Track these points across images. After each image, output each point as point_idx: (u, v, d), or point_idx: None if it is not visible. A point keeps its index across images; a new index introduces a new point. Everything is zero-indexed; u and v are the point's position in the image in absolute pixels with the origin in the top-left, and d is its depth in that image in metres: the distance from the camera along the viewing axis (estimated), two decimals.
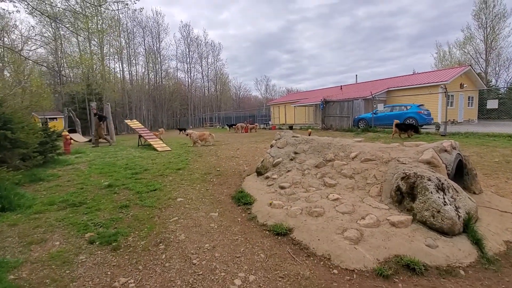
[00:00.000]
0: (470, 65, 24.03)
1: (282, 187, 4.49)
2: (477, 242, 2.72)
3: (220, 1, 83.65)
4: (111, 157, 9.17)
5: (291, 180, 4.62)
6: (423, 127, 14.94)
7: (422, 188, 3.02)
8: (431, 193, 2.94)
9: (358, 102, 17.82)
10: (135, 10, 36.27)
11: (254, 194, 4.58)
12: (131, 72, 40.27)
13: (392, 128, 15.97)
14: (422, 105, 16.81)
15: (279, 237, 3.13)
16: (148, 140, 11.97)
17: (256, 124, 22.67)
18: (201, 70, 49.53)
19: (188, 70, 48.05)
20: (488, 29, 34.39)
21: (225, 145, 11.77)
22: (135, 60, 40.89)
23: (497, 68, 35.23)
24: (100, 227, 3.50)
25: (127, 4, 7.61)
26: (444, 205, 2.86)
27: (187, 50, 47.54)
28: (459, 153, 3.86)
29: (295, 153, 5.42)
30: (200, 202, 4.45)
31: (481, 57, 35.78)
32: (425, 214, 2.92)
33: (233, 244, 3.03)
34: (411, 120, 16.00)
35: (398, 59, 78.58)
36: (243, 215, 3.89)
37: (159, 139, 12.20)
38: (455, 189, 3.16)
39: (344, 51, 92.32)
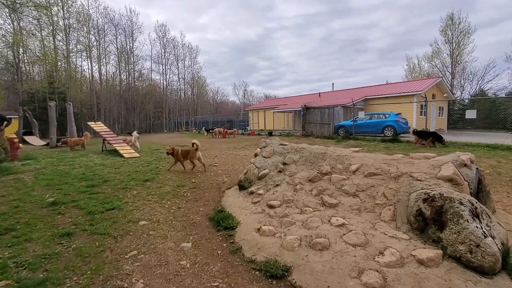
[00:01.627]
0: (441, 77, 25.12)
1: (271, 206, 3.72)
2: None
3: (199, 5, 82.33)
4: (66, 165, 7.87)
5: (282, 197, 3.87)
6: (400, 135, 15.00)
7: (454, 214, 2.40)
8: (467, 221, 2.32)
9: (338, 109, 17.68)
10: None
11: (237, 215, 3.76)
12: (101, 71, 37.74)
13: (371, 135, 16.00)
14: (399, 113, 16.98)
15: (274, 282, 2.34)
16: (114, 145, 10.68)
17: (234, 129, 21.83)
18: (177, 72, 47.79)
19: (164, 72, 46.16)
20: (454, 45, 36.58)
21: (202, 152, 10.79)
22: (105, 59, 38.43)
23: (462, 81, 37.46)
24: (25, 269, 2.50)
25: None
26: (485, 237, 2.25)
27: (163, 51, 45.70)
28: (477, 168, 3.34)
29: (284, 164, 4.69)
30: (169, 227, 3.53)
31: (448, 70, 37.87)
32: (460, 249, 2.29)
33: None
34: (389, 128, 16.05)
35: (369, 70, 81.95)
36: (224, 245, 3.05)
37: (124, 144, 10.93)
38: (487, 213, 2.58)
39: (319, 61, 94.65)
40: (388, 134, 15.76)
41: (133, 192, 5.04)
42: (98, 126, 12.70)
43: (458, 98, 32.74)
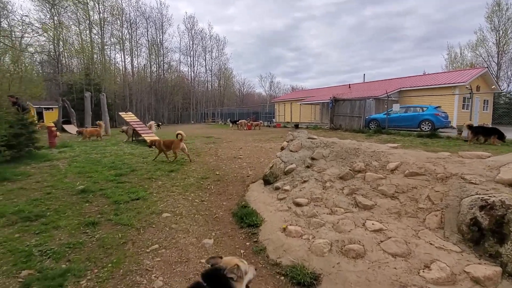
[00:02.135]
0: (487, 67, 22.80)
1: (298, 204, 3.47)
2: None
3: None
4: (98, 153, 8.18)
5: (309, 194, 3.60)
6: (438, 130, 13.85)
7: None
8: None
9: (369, 101, 16.73)
10: None
11: (262, 211, 3.57)
12: (133, 63, 39.20)
13: (406, 130, 14.94)
14: (439, 106, 15.68)
15: None
16: (143, 135, 10.96)
17: (260, 121, 21.63)
18: (204, 64, 48.32)
19: (192, 63, 46.86)
20: (501, 32, 33.02)
21: (227, 143, 10.76)
22: (137, 52, 39.81)
23: (509, 72, 33.87)
24: (48, 258, 2.51)
25: None
26: None
27: (191, 42, 46.29)
28: None
29: (313, 159, 4.39)
30: (191, 220, 3.43)
31: (493, 61, 34.41)
32: None
33: None
34: (427, 122, 14.90)
35: (403, 60, 76.73)
36: (247, 244, 2.88)
37: (153, 134, 11.18)
38: None
39: (349, 51, 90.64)
40: (426, 128, 14.64)
41: (158, 182, 5.04)
42: (129, 116, 13.13)
43: (505, 90, 29.60)
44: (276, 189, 4.16)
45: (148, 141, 7.14)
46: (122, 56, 38.50)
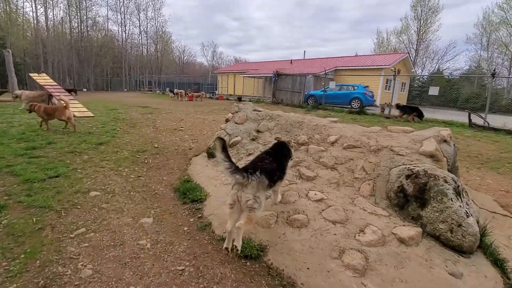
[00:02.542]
0: (407, 53, 25.85)
1: None
2: (500, 265, 2.15)
3: None
4: (3, 122, 6.69)
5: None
6: (365, 107, 15.39)
7: (438, 192, 2.30)
8: (451, 200, 2.24)
9: (309, 78, 17.45)
10: None
11: (206, 185, 3.41)
12: (47, 15, 32.33)
13: (339, 106, 16.21)
14: (367, 86, 17.31)
15: (248, 263, 2.10)
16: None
17: (202, 92, 20.69)
18: (138, 24, 43.01)
19: (123, 22, 41.17)
20: (422, 21, 37.46)
21: (166, 114, 10.01)
22: (52, 1, 32.83)
23: (424, 59, 39.21)
24: None
25: None
26: (467, 216, 2.19)
27: None
28: (454, 144, 3.31)
29: (258, 131, 4.34)
30: (126, 199, 3.08)
31: (413, 47, 39.15)
32: (441, 227, 2.22)
33: (177, 283, 1.88)
34: (357, 100, 16.36)
35: (340, 40, 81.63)
36: (191, 220, 2.72)
37: (76, 101, 9.64)
38: (466, 192, 2.55)
39: (292, 26, 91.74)
40: (355, 106, 16.10)
41: (83, 157, 4.37)
42: (43, 79, 10.98)
43: (420, 75, 34.33)
44: None
45: (29, 105, 5.97)
46: (33, 5, 31.32)
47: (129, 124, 7.48)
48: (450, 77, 32.30)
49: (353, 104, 16.30)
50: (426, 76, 33.50)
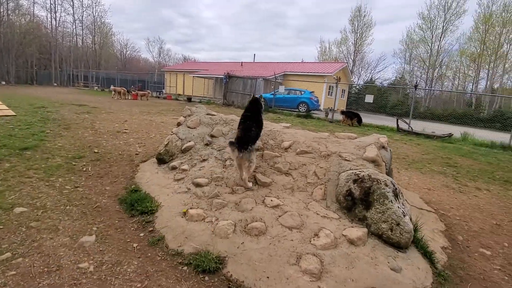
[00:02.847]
0: (347, 63, 28.33)
1: (198, 184, 3.29)
2: (429, 256, 2.48)
3: None
4: None
5: (210, 174, 3.48)
6: (311, 111, 16.37)
7: (380, 195, 2.54)
8: (391, 202, 2.50)
9: (260, 81, 17.83)
10: None
11: (157, 195, 3.20)
12: None
13: (287, 110, 16.91)
14: (313, 92, 18.44)
15: (207, 277, 2.02)
16: None
17: (148, 91, 19.43)
18: (72, 12, 38.41)
19: (52, 8, 36.31)
20: (358, 35, 41.50)
21: (107, 114, 9.12)
22: None
23: (360, 69, 43.45)
24: None
25: None
26: (404, 216, 2.46)
27: None
28: (390, 150, 3.72)
29: (212, 136, 4.24)
30: (61, 214, 2.69)
31: (350, 58, 43.09)
32: (383, 227, 2.46)
33: None
34: (304, 104, 17.30)
35: (286, 46, 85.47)
36: (142, 235, 2.50)
37: None
38: (401, 193, 2.87)
39: (241, 29, 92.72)
40: (302, 110, 17.00)
41: (3, 165, 3.69)
42: None
43: (356, 83, 37.86)
44: (172, 168, 3.81)
45: None
46: None
47: (62, 125, 6.59)
48: (381, 86, 36.44)
49: (300, 108, 17.18)
50: (361, 85, 37.15)
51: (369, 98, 13.01)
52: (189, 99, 18.86)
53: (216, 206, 2.82)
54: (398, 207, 2.49)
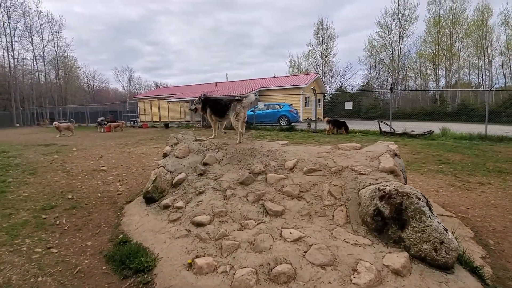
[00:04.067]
0: (319, 74, 29.17)
1: (199, 224, 2.81)
2: (478, 272, 2.16)
3: None
4: None
5: (210, 208, 3.01)
6: (291, 124, 16.33)
7: (416, 211, 2.23)
8: (429, 217, 2.19)
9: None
10: None
11: (152, 244, 2.67)
12: None
13: (268, 125, 16.76)
14: (291, 104, 18.54)
15: None
16: None
17: (122, 121, 18.50)
18: (31, 48, 36.68)
19: (10, 45, 34.51)
20: (323, 47, 43.31)
21: (79, 152, 8.33)
22: None
23: (330, 78, 45.02)
24: None
25: None
26: (446, 232, 2.16)
27: (6, 17, 33.93)
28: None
29: (205, 164, 3.80)
30: None
31: (320, 68, 44.64)
32: (425, 248, 2.13)
33: None
34: (284, 118, 17.27)
35: (255, 64, 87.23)
36: None
37: None
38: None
39: (209, 51, 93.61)
40: (283, 123, 16.94)
41: None
42: None
43: (331, 92, 39.02)
44: (165, 207, 3.30)
45: None
46: None
47: (27, 170, 5.81)
48: (353, 92, 37.79)
49: (281, 122, 17.12)
50: (336, 93, 38.35)
51: (348, 105, 13.21)
52: (166, 125, 18.18)
53: (227, 250, 2.36)
54: (438, 222, 2.18)
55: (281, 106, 17.66)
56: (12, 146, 10.05)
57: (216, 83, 28.92)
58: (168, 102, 24.45)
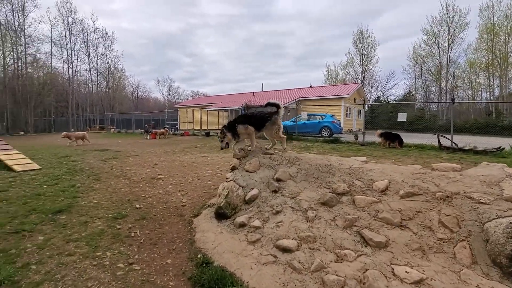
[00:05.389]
0: (361, 83, 28.09)
1: (284, 249, 2.52)
2: None
3: None
4: None
5: (294, 231, 2.72)
6: (334, 135, 15.65)
7: None
8: None
9: None
10: None
11: (237, 268, 2.43)
12: None
13: (310, 136, 16.25)
14: (334, 115, 17.88)
15: None
16: None
17: (165, 128, 19.24)
18: (87, 61, 40.38)
19: (69, 59, 38.30)
20: (363, 56, 41.88)
21: (133, 158, 8.62)
22: None
23: (370, 88, 43.22)
24: None
25: None
26: None
27: (68, 33, 37.85)
28: None
29: (278, 180, 3.53)
30: None
31: (358, 78, 43.10)
32: None
33: None
34: (326, 129, 16.66)
35: (286, 74, 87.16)
36: None
37: (13, 150, 7.77)
38: None
39: (242, 61, 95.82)
40: (325, 134, 16.33)
41: (36, 238, 3.04)
42: None
43: (373, 103, 37.31)
44: (240, 226, 3.07)
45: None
46: None
47: (91, 176, 6.04)
48: (395, 102, 35.72)
49: (323, 133, 16.52)
50: (377, 103, 36.58)
51: (402, 117, 12.25)
52: (207, 134, 18.52)
53: (332, 286, 2.03)
54: None
55: (323, 117, 17.09)
56: (72, 151, 10.78)
57: (253, 93, 29.14)
58: (208, 111, 25.07)
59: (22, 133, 29.25)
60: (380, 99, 40.83)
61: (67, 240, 3.01)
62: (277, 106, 3.91)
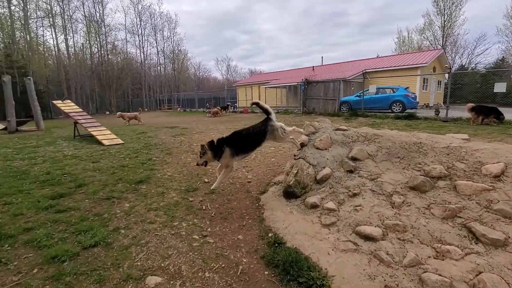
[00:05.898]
0: (443, 49, 24.06)
1: (368, 237, 2.23)
2: None
3: None
4: (25, 158, 5.92)
5: (377, 218, 2.38)
6: (406, 111, 13.86)
7: None
8: None
9: (341, 83, 16.19)
10: None
11: (312, 252, 2.25)
12: (68, 43, 33.33)
13: (378, 112, 14.75)
14: (407, 87, 15.78)
15: None
16: (89, 129, 8.66)
17: (218, 108, 19.78)
18: (155, 45, 43.65)
19: (140, 44, 41.96)
20: (446, 16, 35.39)
21: (198, 135, 9.07)
22: (72, 28, 33.91)
23: (452, 55, 36.84)
24: None
25: None
26: None
27: (138, 19, 41.19)
28: None
29: (354, 159, 3.16)
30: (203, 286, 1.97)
31: (438, 44, 36.92)
32: None
33: None
34: (398, 104, 14.87)
35: (348, 44, 79.72)
36: None
37: (102, 127, 8.91)
38: None
39: (299, 35, 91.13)
40: (396, 109, 14.61)
41: (123, 204, 3.36)
42: (67, 106, 10.46)
43: (458, 71, 31.91)
44: (312, 207, 2.86)
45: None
46: (53, 33, 32.41)
47: (164, 151, 6.54)
48: (485, 71, 29.77)
49: (393, 108, 14.80)
50: (461, 71, 31.14)
51: (500, 87, 9.98)
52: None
53: (432, 286, 1.68)
54: None
55: (395, 90, 15.20)
56: (147, 128, 11.92)
57: (313, 67, 27.63)
58: (265, 88, 24.87)
59: (108, 112, 33.85)
60: (466, 67, 34.55)
61: (148, 208, 3.25)
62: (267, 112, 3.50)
